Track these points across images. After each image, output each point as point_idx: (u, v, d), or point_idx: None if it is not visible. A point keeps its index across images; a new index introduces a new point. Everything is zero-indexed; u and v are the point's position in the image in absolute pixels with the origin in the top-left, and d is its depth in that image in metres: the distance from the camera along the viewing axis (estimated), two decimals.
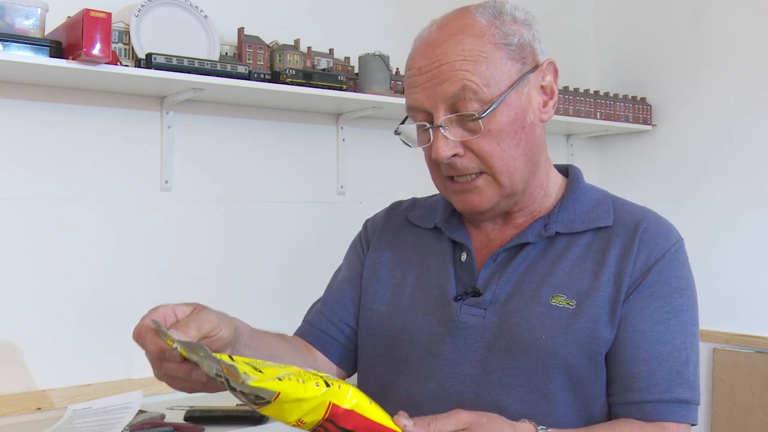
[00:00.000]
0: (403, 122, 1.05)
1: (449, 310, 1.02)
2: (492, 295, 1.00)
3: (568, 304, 0.96)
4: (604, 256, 0.98)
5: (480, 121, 0.94)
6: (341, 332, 1.14)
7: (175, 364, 0.79)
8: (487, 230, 1.07)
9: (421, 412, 0.99)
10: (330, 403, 0.75)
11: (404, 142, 1.05)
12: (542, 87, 1.00)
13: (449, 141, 0.96)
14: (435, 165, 1.00)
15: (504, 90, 0.95)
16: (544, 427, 0.87)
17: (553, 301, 0.97)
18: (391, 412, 1.04)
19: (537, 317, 0.96)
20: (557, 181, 1.08)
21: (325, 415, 0.75)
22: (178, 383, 0.83)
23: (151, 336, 0.81)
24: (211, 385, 0.79)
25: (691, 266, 1.02)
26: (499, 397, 0.96)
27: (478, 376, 0.98)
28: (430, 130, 0.97)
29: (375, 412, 0.78)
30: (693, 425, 0.97)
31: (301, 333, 1.17)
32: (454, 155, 0.96)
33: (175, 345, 0.78)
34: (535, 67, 0.99)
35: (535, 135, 1.00)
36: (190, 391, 0.84)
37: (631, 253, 0.97)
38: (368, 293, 1.12)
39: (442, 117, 0.95)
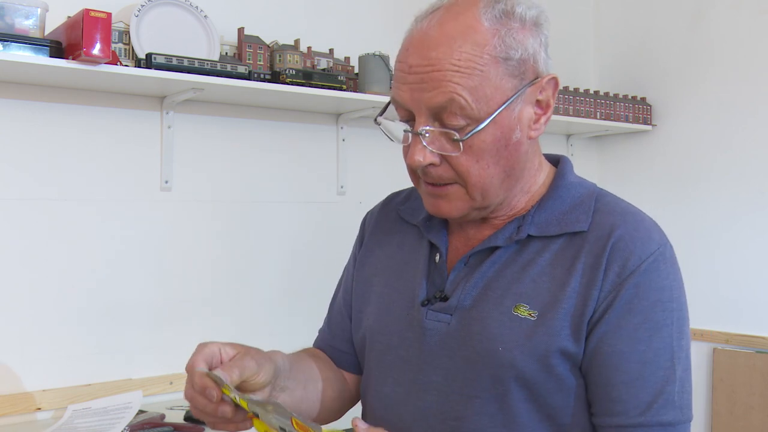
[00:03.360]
0: (383, 111, 0.99)
1: (417, 315, 0.99)
2: (457, 300, 0.96)
3: (530, 315, 0.91)
4: (573, 265, 0.92)
5: (461, 142, 0.89)
6: (351, 344, 1.14)
7: (212, 403, 0.84)
8: (466, 229, 1.03)
9: (390, 416, 1.00)
10: None
11: (384, 133, 1.00)
12: (538, 101, 0.94)
13: (426, 150, 0.91)
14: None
15: (494, 109, 0.89)
16: None
17: (516, 311, 0.92)
18: (368, 413, 1.06)
19: (497, 327, 0.92)
20: (542, 177, 1.02)
21: None
22: (205, 417, 0.88)
23: (199, 376, 0.85)
24: (235, 421, 0.86)
25: (680, 272, 0.95)
26: (459, 407, 0.94)
27: (440, 384, 0.96)
28: (410, 133, 0.92)
29: None
30: None
31: (319, 346, 1.18)
32: (430, 164, 0.92)
33: (233, 395, 0.83)
34: (535, 79, 0.92)
35: (519, 153, 0.94)
36: (212, 427, 0.89)
37: (601, 264, 0.91)
38: (357, 294, 1.11)
39: (423, 125, 0.90)
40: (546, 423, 0.93)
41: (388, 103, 0.98)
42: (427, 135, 0.90)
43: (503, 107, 0.89)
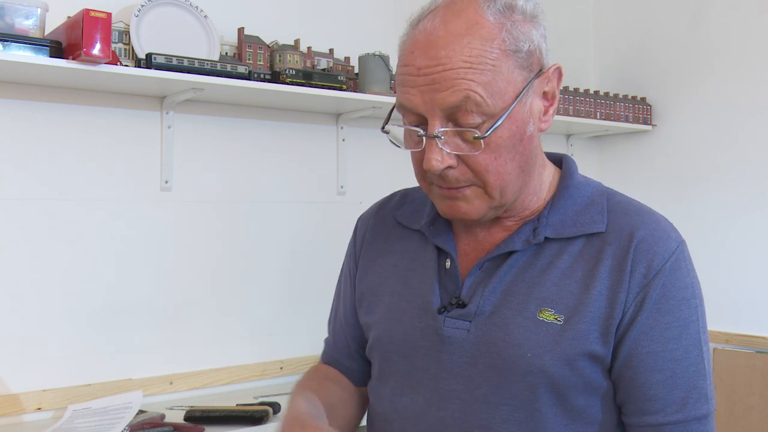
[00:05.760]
0: (388, 118, 0.97)
1: (433, 323, 0.97)
2: (477, 306, 0.95)
3: (556, 319, 0.91)
4: (596, 268, 0.92)
5: (481, 139, 0.87)
6: (357, 359, 1.13)
7: None
8: (475, 231, 1.01)
9: (408, 427, 0.99)
10: None
11: (392, 141, 0.98)
12: (544, 92, 0.94)
13: (443, 152, 0.88)
14: (422, 170, 0.93)
15: (509, 102, 0.88)
16: None
17: (541, 315, 0.92)
18: (379, 425, 1.04)
19: (522, 333, 0.91)
20: (549, 177, 1.01)
21: None
22: None
23: None
24: None
25: (694, 266, 0.97)
26: (483, 415, 0.93)
27: (463, 392, 0.94)
28: (424, 137, 0.89)
29: None
30: None
31: (328, 362, 1.18)
32: (447, 167, 0.89)
33: None
34: (540, 71, 0.92)
35: (532, 146, 0.93)
36: None
37: (626, 267, 0.91)
38: (362, 305, 1.09)
39: (439, 127, 0.88)
40: (572, 426, 0.93)
41: (392, 110, 0.96)
42: (442, 137, 0.88)
43: (517, 100, 0.89)
